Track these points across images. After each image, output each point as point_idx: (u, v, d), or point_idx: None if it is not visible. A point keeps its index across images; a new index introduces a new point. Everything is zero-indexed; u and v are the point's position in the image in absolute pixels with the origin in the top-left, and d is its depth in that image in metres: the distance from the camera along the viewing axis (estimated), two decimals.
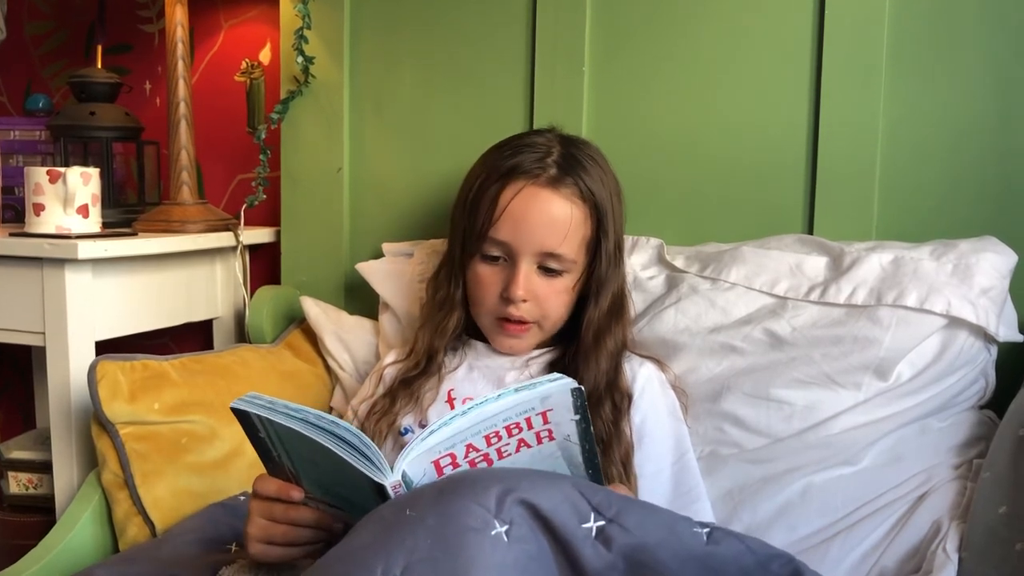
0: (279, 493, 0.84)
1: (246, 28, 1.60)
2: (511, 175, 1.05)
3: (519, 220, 1.04)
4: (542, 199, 1.04)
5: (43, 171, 1.26)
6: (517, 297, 1.05)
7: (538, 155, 1.06)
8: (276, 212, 1.52)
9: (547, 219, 1.04)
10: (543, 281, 1.06)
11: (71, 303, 1.23)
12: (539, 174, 1.04)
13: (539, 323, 1.08)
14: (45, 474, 1.44)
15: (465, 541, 0.66)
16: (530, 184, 1.04)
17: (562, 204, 1.04)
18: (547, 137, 1.09)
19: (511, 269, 1.06)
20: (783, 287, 1.12)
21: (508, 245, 1.05)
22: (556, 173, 1.05)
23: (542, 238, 1.04)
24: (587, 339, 1.07)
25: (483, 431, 0.75)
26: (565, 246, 1.04)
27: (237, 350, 1.32)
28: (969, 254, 1.06)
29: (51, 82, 1.76)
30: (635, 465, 1.02)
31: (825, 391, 1.05)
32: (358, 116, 1.44)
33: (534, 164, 1.05)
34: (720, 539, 0.72)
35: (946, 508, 0.96)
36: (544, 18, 1.32)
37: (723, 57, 1.25)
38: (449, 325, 1.12)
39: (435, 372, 1.11)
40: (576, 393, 0.75)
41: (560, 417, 0.76)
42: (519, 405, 0.75)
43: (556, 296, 1.07)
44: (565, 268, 1.06)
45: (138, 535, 1.11)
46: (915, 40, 1.17)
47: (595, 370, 1.05)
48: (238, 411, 0.80)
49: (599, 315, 1.07)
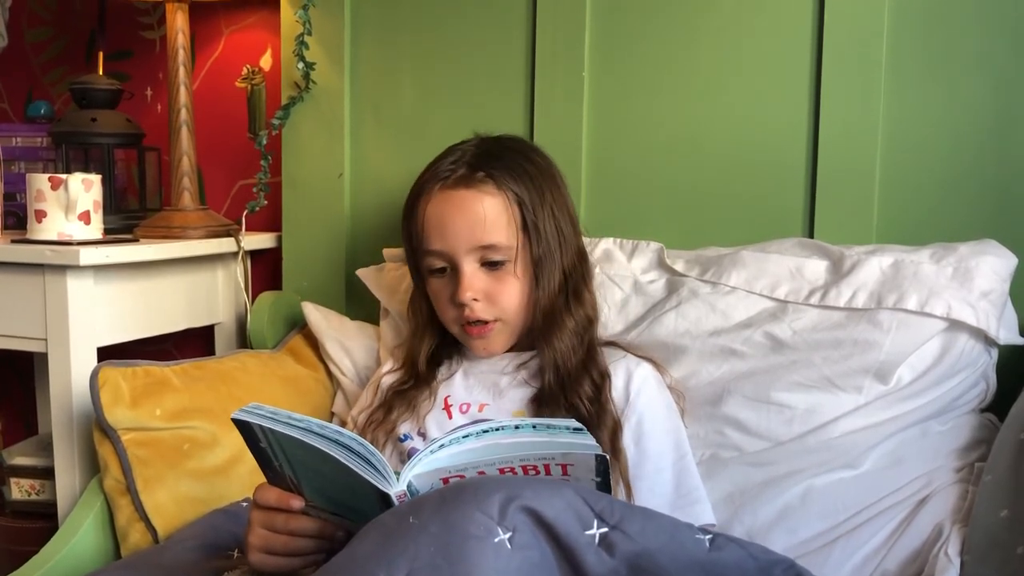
0: (279, 503, 0.84)
1: (247, 34, 1.61)
2: (425, 185, 1.09)
3: (441, 225, 1.06)
4: (455, 199, 1.06)
5: (45, 178, 1.26)
6: (465, 299, 1.06)
7: (450, 160, 1.09)
8: (277, 218, 1.52)
9: (465, 217, 1.05)
10: (489, 277, 1.07)
11: (73, 309, 1.23)
12: (448, 176, 1.07)
13: (500, 319, 1.08)
14: (47, 480, 1.44)
15: (468, 549, 0.66)
16: (440, 188, 1.07)
17: (474, 197, 1.06)
18: (468, 143, 1.12)
19: (457, 275, 1.07)
20: (783, 291, 1.12)
21: (443, 253, 1.07)
22: (465, 172, 1.07)
23: (468, 235, 1.05)
24: (538, 321, 1.07)
25: (498, 463, 0.75)
26: (493, 235, 1.05)
27: (238, 356, 1.32)
28: (969, 257, 1.06)
29: (52, 89, 1.76)
30: (634, 465, 1.02)
31: (826, 394, 1.06)
32: (359, 121, 1.45)
33: (445, 168, 1.08)
34: (722, 545, 0.72)
35: (947, 512, 0.96)
36: (544, 23, 1.32)
37: (722, 61, 1.25)
38: (422, 348, 1.14)
39: (427, 384, 1.12)
40: (600, 459, 0.75)
41: (580, 474, 0.76)
42: (538, 448, 0.74)
43: (506, 287, 1.07)
44: (505, 256, 1.06)
45: (140, 541, 1.11)
46: (914, 43, 1.17)
47: (555, 349, 1.05)
48: (239, 422, 0.80)
49: (546, 295, 1.07)
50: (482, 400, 1.08)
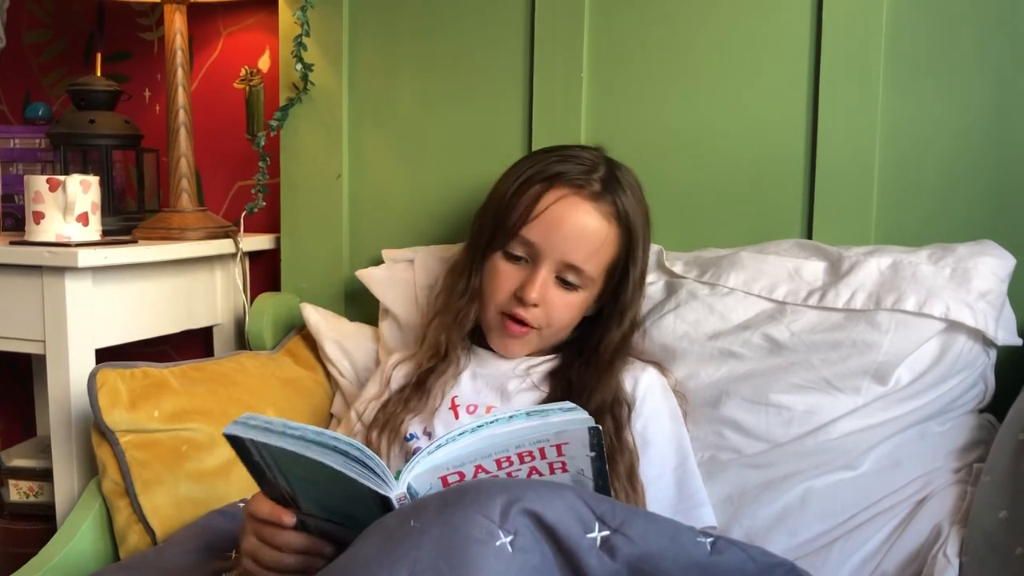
0: (271, 517, 0.83)
1: (245, 36, 1.60)
2: (556, 180, 1.06)
3: (554, 225, 1.04)
4: (582, 210, 1.05)
5: (43, 179, 1.26)
6: (531, 299, 1.05)
7: (584, 168, 1.07)
8: (276, 219, 1.52)
9: (581, 231, 1.04)
10: (558, 292, 1.07)
11: (71, 311, 1.23)
12: (583, 186, 1.05)
13: (540, 330, 1.08)
14: (45, 482, 1.44)
15: (469, 552, 0.66)
16: (572, 193, 1.05)
17: (599, 220, 1.05)
18: (593, 154, 1.10)
19: (531, 271, 1.06)
20: (782, 292, 1.12)
21: (536, 247, 1.05)
22: (599, 189, 1.06)
23: (571, 248, 1.05)
24: (603, 359, 1.07)
25: (494, 454, 0.75)
26: (590, 263, 1.05)
27: (237, 357, 1.32)
28: (967, 258, 1.07)
29: (50, 90, 1.76)
30: (640, 473, 1.02)
31: (824, 396, 1.06)
32: (357, 123, 1.45)
33: (580, 175, 1.06)
34: (723, 548, 0.73)
35: (946, 512, 0.96)
36: (542, 24, 1.32)
37: (721, 62, 1.25)
38: (469, 315, 1.11)
39: (451, 365, 1.11)
40: (593, 432, 0.74)
41: (575, 452, 0.76)
42: (532, 433, 0.74)
43: (566, 309, 1.07)
44: (583, 284, 1.07)
45: (138, 543, 1.11)
46: (913, 45, 1.17)
47: (605, 389, 1.05)
48: (231, 437, 0.79)
49: (619, 338, 1.09)
50: (489, 402, 1.08)
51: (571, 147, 1.12)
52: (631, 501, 0.98)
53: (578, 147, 1.13)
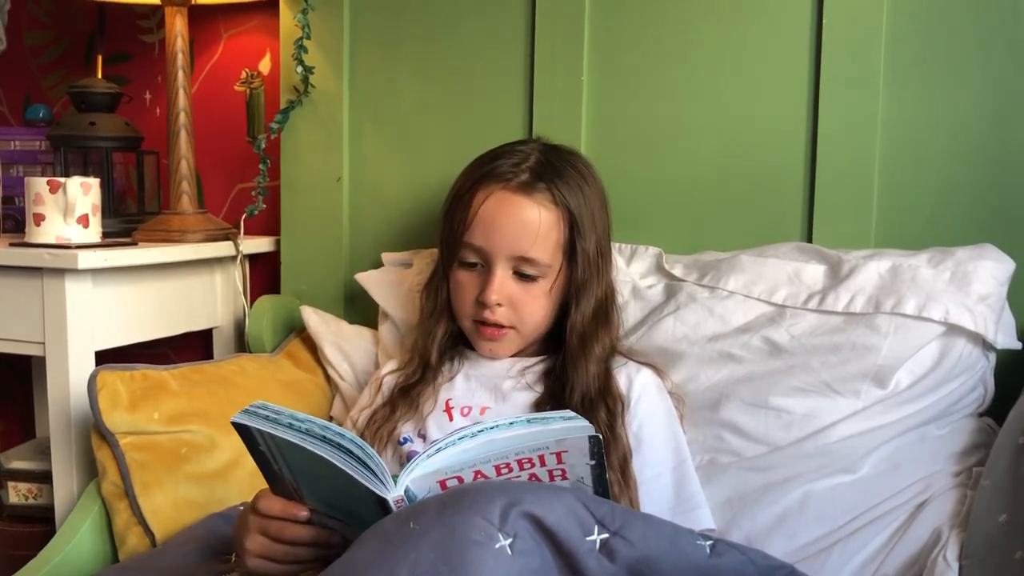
0: (283, 513, 0.84)
1: (246, 38, 1.61)
2: (484, 180, 1.07)
3: (490, 224, 1.05)
4: (513, 204, 1.05)
5: (43, 181, 1.26)
6: (491, 301, 1.06)
7: (514, 161, 1.07)
8: (276, 221, 1.52)
9: (517, 223, 1.05)
10: (519, 287, 1.07)
11: (71, 313, 1.23)
12: (511, 179, 1.06)
13: (516, 328, 1.08)
14: (45, 484, 1.43)
15: (469, 555, 0.66)
16: (500, 189, 1.06)
17: (532, 208, 1.05)
18: (530, 146, 1.11)
19: (487, 274, 1.07)
20: (781, 295, 1.12)
21: (482, 250, 1.06)
22: (528, 178, 1.06)
23: (513, 242, 1.05)
24: (572, 344, 1.07)
25: (493, 460, 0.75)
26: (537, 250, 1.05)
27: (237, 359, 1.32)
28: (967, 261, 1.07)
29: (51, 92, 1.76)
30: (634, 471, 1.02)
31: (824, 399, 1.06)
32: (357, 125, 1.45)
33: (508, 170, 1.07)
34: (722, 551, 0.73)
35: (946, 516, 0.96)
36: (543, 26, 1.32)
37: (721, 65, 1.25)
38: (438, 332, 1.13)
39: (431, 380, 1.12)
40: (594, 441, 0.74)
41: (575, 460, 0.76)
42: (532, 440, 0.74)
43: (533, 301, 1.07)
44: (540, 273, 1.07)
45: (138, 545, 1.11)
46: (912, 48, 1.17)
47: (584, 376, 1.05)
48: (239, 425, 0.80)
49: (582, 320, 1.08)
50: (483, 403, 1.08)
51: (508, 144, 1.12)
52: (623, 494, 0.98)
53: (517, 141, 1.13)
